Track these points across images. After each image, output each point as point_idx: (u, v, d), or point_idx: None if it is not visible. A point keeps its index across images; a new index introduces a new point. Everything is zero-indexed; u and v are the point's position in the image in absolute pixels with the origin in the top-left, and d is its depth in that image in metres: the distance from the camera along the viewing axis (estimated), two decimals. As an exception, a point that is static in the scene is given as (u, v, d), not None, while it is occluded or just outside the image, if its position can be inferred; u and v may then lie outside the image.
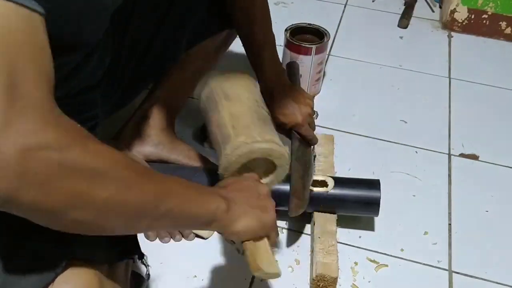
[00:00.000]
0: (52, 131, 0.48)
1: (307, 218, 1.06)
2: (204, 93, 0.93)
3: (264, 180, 0.83)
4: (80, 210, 0.51)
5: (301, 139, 1.07)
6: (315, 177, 1.04)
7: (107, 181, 0.52)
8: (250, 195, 0.74)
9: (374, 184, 1.03)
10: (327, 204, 1.02)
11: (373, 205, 1.02)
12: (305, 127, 1.07)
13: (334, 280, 0.93)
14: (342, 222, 1.06)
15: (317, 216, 1.03)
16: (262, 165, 0.83)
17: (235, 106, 0.87)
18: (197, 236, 1.02)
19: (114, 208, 0.53)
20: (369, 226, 1.08)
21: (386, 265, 1.01)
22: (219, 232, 0.71)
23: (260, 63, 1.05)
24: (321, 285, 0.93)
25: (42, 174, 0.47)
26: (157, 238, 1.02)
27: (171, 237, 1.02)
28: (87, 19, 0.63)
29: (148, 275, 0.92)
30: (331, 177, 1.04)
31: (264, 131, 0.83)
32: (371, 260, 1.02)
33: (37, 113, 0.47)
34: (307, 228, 1.06)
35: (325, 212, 1.03)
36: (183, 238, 1.02)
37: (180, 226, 0.66)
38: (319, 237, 0.98)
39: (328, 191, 1.02)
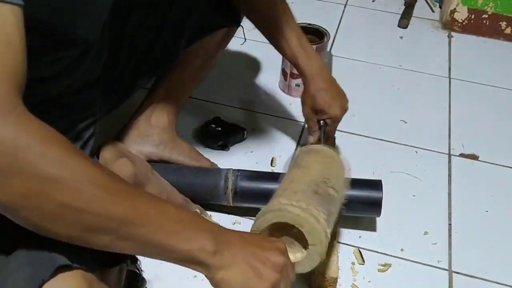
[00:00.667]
0: (8, 129, 0.48)
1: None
2: (287, 163, 0.94)
3: (292, 257, 0.72)
4: (30, 211, 0.51)
5: (322, 137, 1.08)
6: None
7: (61, 189, 0.51)
8: (254, 252, 0.63)
9: (376, 185, 1.03)
10: None
11: (375, 205, 1.02)
12: (337, 123, 1.08)
13: (334, 280, 0.93)
14: (342, 222, 1.06)
15: None
16: (302, 241, 0.73)
17: (298, 173, 0.83)
18: None
19: (65, 217, 0.52)
20: (369, 226, 1.08)
21: (386, 265, 1.01)
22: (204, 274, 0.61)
23: (296, 49, 1.05)
24: (320, 285, 0.94)
25: None
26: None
27: None
28: (80, 13, 0.62)
29: (143, 279, 0.92)
30: None
31: (309, 202, 0.73)
32: (371, 260, 1.02)
33: None
34: (307, 228, 1.06)
35: None
36: None
37: (152, 255, 0.59)
38: None
39: None
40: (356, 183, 1.03)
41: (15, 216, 0.51)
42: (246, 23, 1.14)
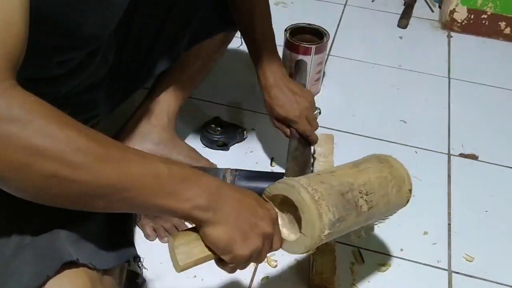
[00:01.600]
0: None
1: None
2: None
3: (286, 233, 0.71)
4: (20, 182, 0.51)
5: (300, 138, 1.07)
6: None
7: (49, 160, 0.50)
8: (245, 216, 0.63)
9: None
10: None
11: None
12: (303, 121, 1.06)
13: (332, 279, 0.93)
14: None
15: None
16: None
17: (345, 170, 0.77)
18: None
19: (55, 187, 0.52)
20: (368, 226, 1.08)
21: (386, 265, 1.01)
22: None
23: (259, 57, 1.06)
24: (319, 284, 0.94)
25: None
26: (157, 238, 1.02)
27: None
28: (93, 9, 0.63)
29: (143, 278, 0.93)
30: None
31: (325, 197, 0.69)
32: (371, 260, 1.02)
33: None
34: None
35: None
36: None
37: (148, 213, 0.62)
38: None
39: None
40: None
41: (6, 187, 0.52)
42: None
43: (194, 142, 1.23)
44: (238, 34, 1.17)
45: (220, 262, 0.66)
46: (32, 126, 0.49)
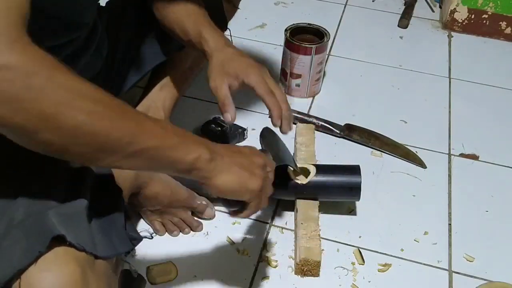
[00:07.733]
0: (16, 56, 0.51)
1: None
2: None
3: None
4: (47, 133, 0.53)
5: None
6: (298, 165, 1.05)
7: (74, 111, 0.54)
8: (241, 157, 0.72)
9: (354, 170, 1.05)
10: (309, 191, 1.04)
11: (355, 189, 1.03)
12: (263, 82, 0.90)
13: (318, 264, 0.95)
14: (342, 222, 1.06)
15: (300, 203, 1.04)
16: None
17: None
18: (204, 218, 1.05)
19: (81, 137, 0.55)
20: (369, 226, 1.08)
21: (386, 265, 1.01)
22: (200, 183, 0.69)
23: (198, 29, 0.94)
24: (305, 269, 0.96)
25: (7, 93, 0.50)
26: (166, 233, 1.03)
27: (180, 231, 1.03)
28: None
29: (142, 278, 0.92)
30: (312, 164, 1.06)
31: None
32: (371, 260, 1.02)
33: (2, 39, 0.51)
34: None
35: (307, 199, 1.04)
36: (191, 231, 1.03)
37: (155, 169, 0.66)
38: (302, 223, 0.99)
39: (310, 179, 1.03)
40: (335, 169, 1.05)
41: (33, 140, 0.54)
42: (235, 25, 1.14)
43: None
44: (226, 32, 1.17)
45: (237, 212, 0.76)
46: (57, 79, 0.53)
